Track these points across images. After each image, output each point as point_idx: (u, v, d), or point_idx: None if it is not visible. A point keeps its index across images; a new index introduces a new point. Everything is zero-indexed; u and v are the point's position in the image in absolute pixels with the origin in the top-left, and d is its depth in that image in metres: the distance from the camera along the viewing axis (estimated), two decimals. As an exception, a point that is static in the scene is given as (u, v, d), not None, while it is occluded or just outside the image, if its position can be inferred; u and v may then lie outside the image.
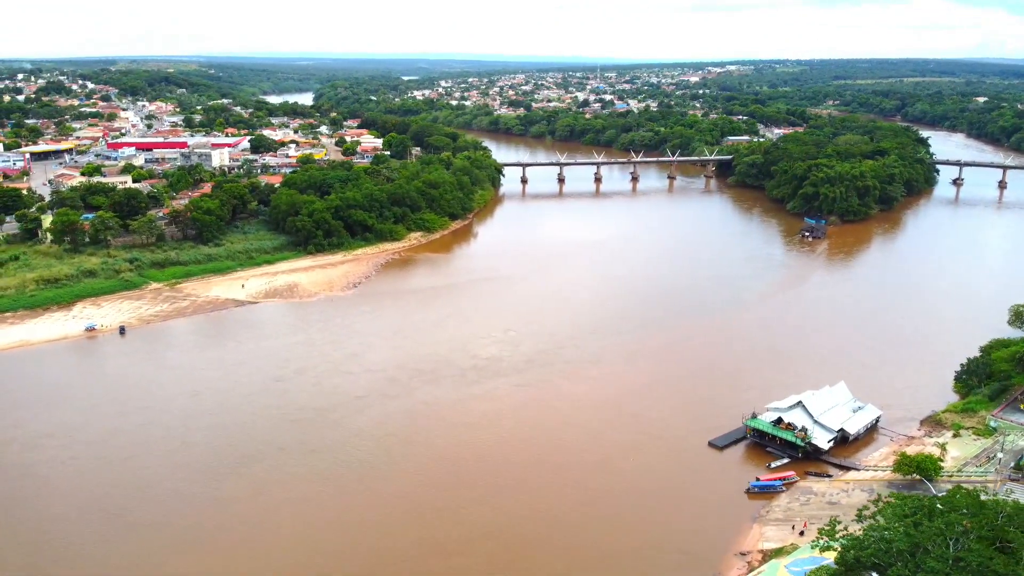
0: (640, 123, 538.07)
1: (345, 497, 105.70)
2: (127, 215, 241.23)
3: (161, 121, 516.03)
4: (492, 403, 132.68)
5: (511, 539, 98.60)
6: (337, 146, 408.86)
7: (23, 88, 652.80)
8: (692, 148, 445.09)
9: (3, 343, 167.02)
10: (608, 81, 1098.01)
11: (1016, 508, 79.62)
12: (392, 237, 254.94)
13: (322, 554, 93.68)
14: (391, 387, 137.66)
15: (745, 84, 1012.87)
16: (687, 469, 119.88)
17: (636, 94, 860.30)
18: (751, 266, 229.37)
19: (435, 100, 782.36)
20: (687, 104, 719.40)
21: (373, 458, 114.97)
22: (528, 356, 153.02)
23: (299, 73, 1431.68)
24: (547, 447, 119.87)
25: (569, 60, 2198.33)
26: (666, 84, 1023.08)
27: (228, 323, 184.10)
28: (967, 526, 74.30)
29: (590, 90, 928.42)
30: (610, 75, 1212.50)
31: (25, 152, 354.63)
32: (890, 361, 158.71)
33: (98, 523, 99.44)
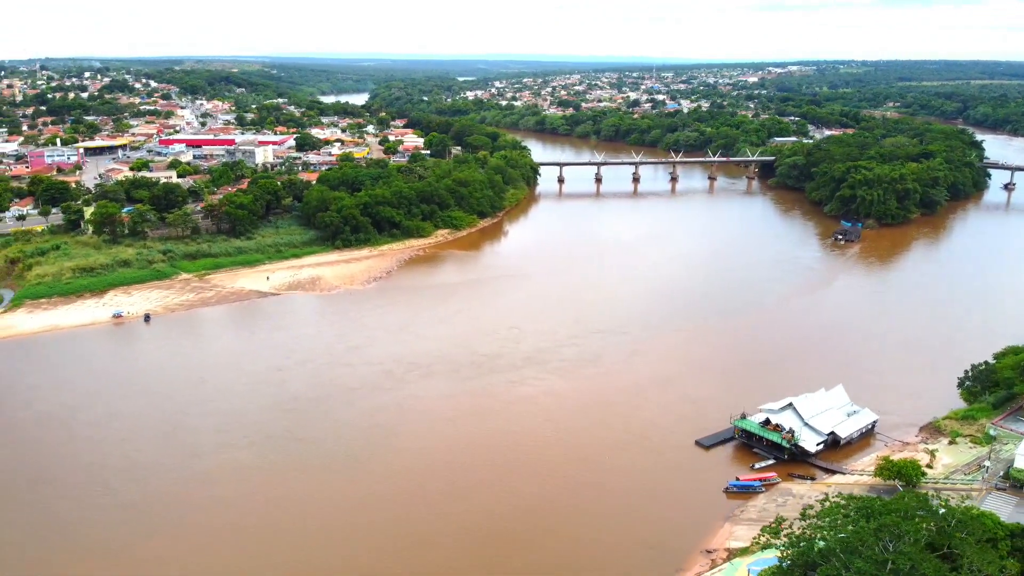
0: (686, 123, 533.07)
1: (321, 484, 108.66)
2: (165, 208, 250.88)
3: (215, 119, 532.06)
4: (481, 399, 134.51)
5: (475, 530, 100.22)
6: (380, 145, 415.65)
7: (88, 86, 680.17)
8: (736, 149, 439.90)
9: (34, 327, 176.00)
10: (664, 81, 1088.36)
11: (966, 516, 78.14)
12: (419, 234, 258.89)
13: (289, 537, 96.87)
14: (385, 380, 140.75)
15: (805, 85, 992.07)
16: (669, 467, 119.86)
17: (690, 94, 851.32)
18: (776, 269, 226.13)
19: (485, 100, 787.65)
20: (740, 104, 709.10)
21: (355, 448, 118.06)
22: (527, 354, 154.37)
23: (358, 74, 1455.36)
24: (527, 443, 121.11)
25: (630, 60, 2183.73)
26: (723, 84, 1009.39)
27: (247, 313, 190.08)
28: (914, 528, 73.33)
29: (643, 90, 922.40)
30: (667, 75, 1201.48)
31: (79, 147, 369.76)
32: (900, 366, 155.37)
33: (82, 499, 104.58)
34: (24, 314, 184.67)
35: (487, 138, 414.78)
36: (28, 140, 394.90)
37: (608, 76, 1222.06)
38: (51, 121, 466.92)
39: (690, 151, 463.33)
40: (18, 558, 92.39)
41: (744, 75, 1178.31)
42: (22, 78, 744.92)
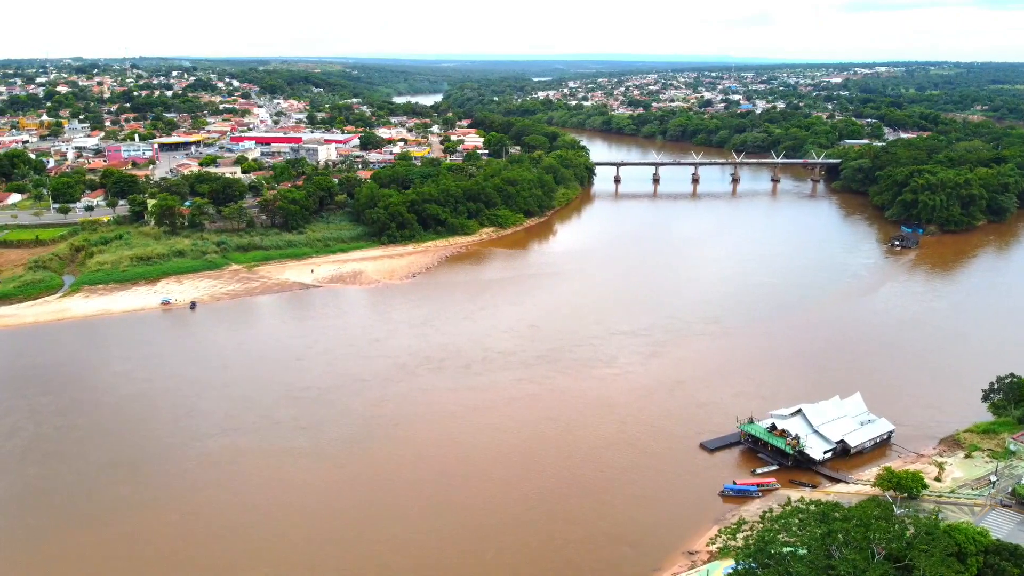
0: (755, 124, 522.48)
1: (311, 469, 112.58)
2: (222, 202, 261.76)
3: (289, 117, 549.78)
4: (486, 394, 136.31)
5: (453, 520, 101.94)
6: (442, 144, 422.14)
7: (174, 84, 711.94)
8: (804, 151, 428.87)
9: (88, 311, 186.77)
10: (743, 81, 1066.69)
11: (934, 529, 76.11)
12: (463, 231, 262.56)
13: (274, 518, 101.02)
14: (397, 373, 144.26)
15: (890, 86, 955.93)
16: (667, 468, 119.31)
17: (766, 95, 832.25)
18: (820, 275, 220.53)
19: (554, 101, 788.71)
20: (818, 106, 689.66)
21: (353, 436, 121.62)
22: (541, 352, 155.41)
23: (436, 75, 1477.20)
24: (524, 439, 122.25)
25: (711, 60, 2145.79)
26: (803, 85, 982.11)
27: (286, 304, 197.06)
28: (863, 536, 72.07)
29: (720, 90, 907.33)
30: (747, 75, 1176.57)
31: (155, 143, 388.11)
32: (928, 377, 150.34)
33: (92, 473, 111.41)
34: (80, 299, 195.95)
35: (545, 138, 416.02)
36: (109, 135, 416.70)
37: (685, 76, 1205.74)
38: (133, 118, 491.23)
39: (757, 153, 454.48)
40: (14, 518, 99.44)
41: (828, 75, 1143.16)
42: (113, 76, 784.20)
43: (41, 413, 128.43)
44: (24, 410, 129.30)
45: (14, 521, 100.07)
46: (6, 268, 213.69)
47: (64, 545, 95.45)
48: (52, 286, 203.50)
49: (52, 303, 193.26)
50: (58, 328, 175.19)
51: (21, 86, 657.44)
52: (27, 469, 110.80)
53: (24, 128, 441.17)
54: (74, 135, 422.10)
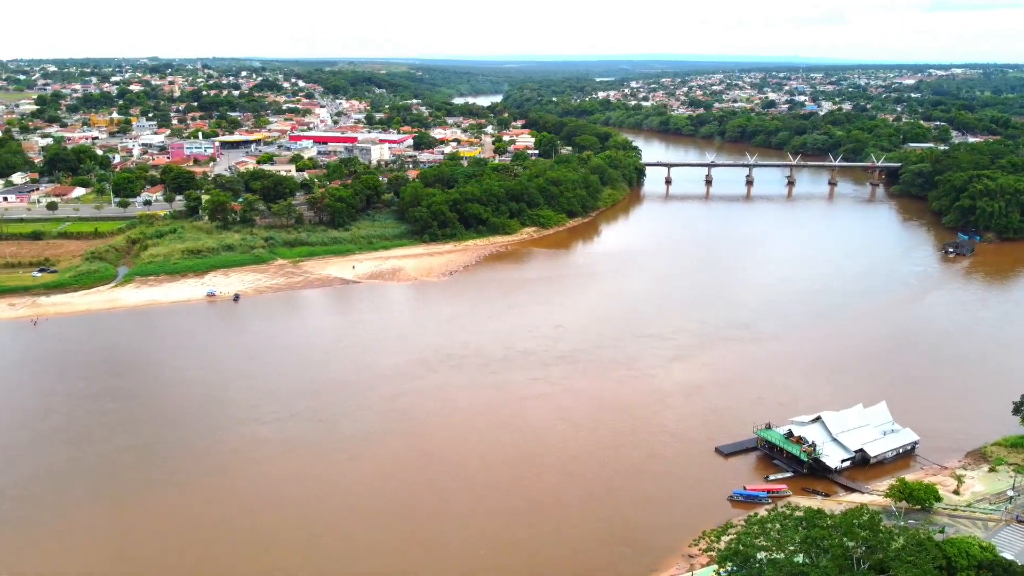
0: (816, 125, 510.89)
1: (322, 460, 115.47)
2: (273, 199, 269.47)
3: (348, 117, 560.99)
4: (500, 393, 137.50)
5: (456, 518, 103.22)
6: (494, 144, 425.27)
7: (242, 84, 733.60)
8: (865, 154, 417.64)
9: (137, 301, 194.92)
10: (812, 82, 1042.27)
11: (925, 542, 74.52)
12: (504, 231, 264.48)
13: (280, 508, 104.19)
14: (417, 369, 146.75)
15: (964, 89, 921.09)
16: (679, 472, 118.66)
17: (834, 96, 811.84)
18: (865, 281, 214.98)
19: (612, 101, 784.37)
20: (887, 108, 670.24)
21: (367, 429, 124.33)
22: (562, 353, 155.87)
23: (499, 75, 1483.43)
24: (534, 438, 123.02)
25: (781, 60, 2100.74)
26: (874, 87, 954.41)
27: (324, 299, 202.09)
28: (839, 544, 71.12)
29: (786, 91, 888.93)
30: (816, 76, 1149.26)
31: (217, 141, 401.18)
32: (962, 388, 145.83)
33: (113, 456, 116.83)
34: (132, 289, 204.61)
35: (595, 138, 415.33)
36: (174, 133, 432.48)
37: (752, 76, 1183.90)
38: (199, 116, 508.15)
39: (818, 155, 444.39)
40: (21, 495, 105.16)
41: (901, 77, 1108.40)
42: (185, 76, 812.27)
43: (76, 397, 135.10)
44: (61, 394, 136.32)
45: (35, 498, 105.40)
46: (65, 258, 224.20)
47: (78, 521, 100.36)
48: (106, 276, 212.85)
49: (104, 292, 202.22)
50: (107, 316, 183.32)
51: (96, 84, 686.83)
52: (55, 450, 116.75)
53: (95, 125, 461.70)
54: (141, 132, 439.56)
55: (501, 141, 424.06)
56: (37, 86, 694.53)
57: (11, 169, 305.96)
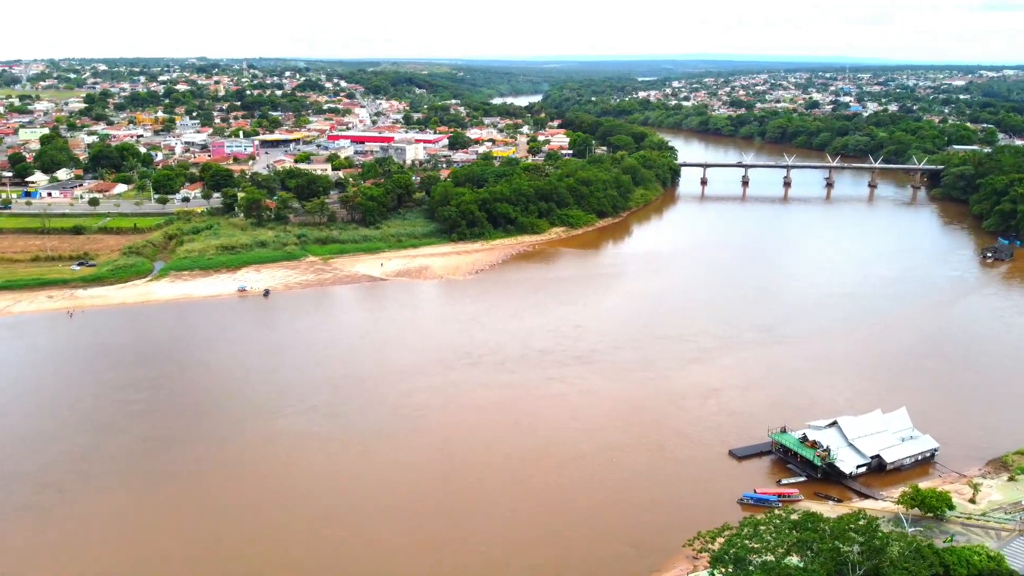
0: (859, 126, 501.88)
1: (333, 453, 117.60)
2: (306, 197, 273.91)
3: (387, 117, 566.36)
4: (514, 391, 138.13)
5: (459, 514, 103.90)
6: (528, 144, 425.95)
7: (285, 84, 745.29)
8: (907, 156, 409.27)
9: (170, 295, 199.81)
10: (859, 83, 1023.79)
11: (910, 546, 73.54)
12: (533, 230, 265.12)
13: (289, 499, 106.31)
14: (435, 366, 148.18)
15: (1016, 91, 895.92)
16: (690, 473, 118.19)
17: (880, 97, 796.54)
18: (897, 286, 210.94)
19: (651, 101, 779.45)
20: (934, 109, 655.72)
21: (380, 425, 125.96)
22: (580, 352, 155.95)
23: (540, 76, 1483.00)
24: (542, 437, 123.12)
25: (828, 60, 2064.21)
26: (922, 88, 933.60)
27: (351, 295, 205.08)
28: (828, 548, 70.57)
29: (831, 91, 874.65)
30: (863, 76, 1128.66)
31: (257, 140, 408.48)
32: (988, 396, 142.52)
33: (132, 446, 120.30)
34: (166, 283, 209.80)
35: (630, 138, 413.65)
36: (216, 132, 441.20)
37: (797, 76, 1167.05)
38: (242, 115, 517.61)
39: (860, 157, 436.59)
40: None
41: (951, 78, 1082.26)
42: (231, 76, 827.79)
43: (103, 387, 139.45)
44: (90, 384, 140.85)
45: (54, 484, 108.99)
46: (104, 253, 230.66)
47: (91, 508, 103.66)
48: (142, 271, 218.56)
49: (139, 286, 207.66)
50: (140, 310, 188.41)
51: (144, 83, 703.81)
52: (78, 438, 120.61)
53: (140, 123, 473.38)
54: (184, 130, 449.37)
55: (536, 141, 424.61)
56: (87, 85, 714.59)
57: (56, 165, 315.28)
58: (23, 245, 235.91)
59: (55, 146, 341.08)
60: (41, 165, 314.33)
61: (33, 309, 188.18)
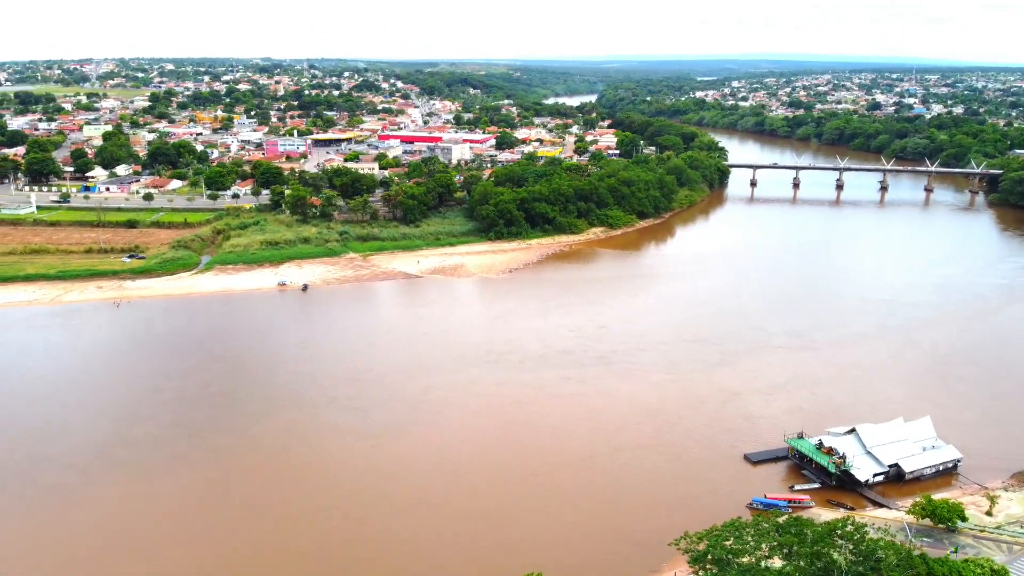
0: (919, 129, 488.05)
1: (355, 446, 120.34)
2: (350, 195, 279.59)
3: (439, 117, 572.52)
4: (530, 390, 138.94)
5: (463, 508, 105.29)
6: (575, 144, 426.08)
7: (343, 84, 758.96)
8: (967, 159, 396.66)
9: (213, 288, 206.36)
10: (926, 84, 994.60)
11: (898, 554, 72.45)
12: (571, 230, 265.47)
13: (299, 489, 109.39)
14: (455, 363, 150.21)
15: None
16: (702, 476, 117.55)
17: (946, 99, 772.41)
18: (937, 293, 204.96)
19: (707, 101, 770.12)
20: (1000, 112, 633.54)
21: (397, 418, 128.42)
22: (600, 353, 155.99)
23: (597, 75, 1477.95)
24: (553, 436, 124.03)
25: (897, 61, 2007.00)
26: (991, 90, 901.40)
27: (386, 292, 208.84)
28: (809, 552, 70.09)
29: (896, 93, 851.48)
30: (931, 78, 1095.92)
31: (309, 139, 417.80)
32: (1020, 407, 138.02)
33: (156, 432, 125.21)
34: (211, 276, 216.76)
35: (679, 138, 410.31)
36: (272, 131, 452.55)
37: (862, 77, 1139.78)
38: (298, 115, 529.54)
39: (919, 160, 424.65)
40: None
41: (1021, 80, 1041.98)
42: (291, 76, 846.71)
43: (135, 376, 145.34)
44: (124, 372, 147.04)
45: (75, 466, 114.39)
46: (154, 246, 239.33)
47: (108, 490, 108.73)
48: (189, 264, 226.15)
49: (185, 279, 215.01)
50: (184, 301, 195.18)
51: (207, 83, 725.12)
52: (101, 425, 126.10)
53: (200, 121, 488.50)
54: (241, 129, 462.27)
55: (583, 141, 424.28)
56: (153, 83, 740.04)
57: (116, 161, 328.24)
58: (79, 237, 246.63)
59: (115, 143, 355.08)
60: (101, 161, 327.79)
61: (83, 299, 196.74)
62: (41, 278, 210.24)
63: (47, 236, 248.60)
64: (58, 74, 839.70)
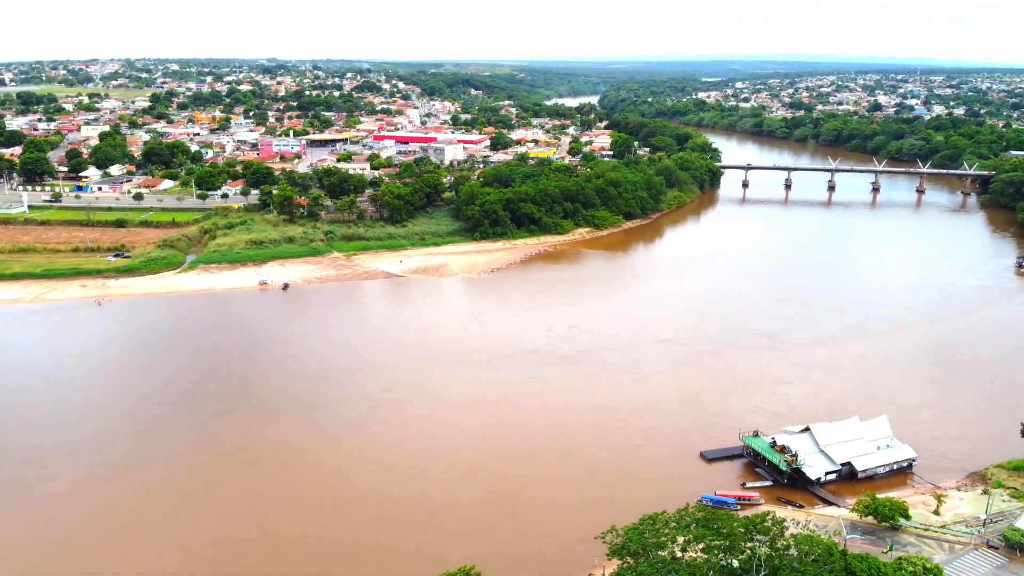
0: (915, 130, 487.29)
1: (315, 444, 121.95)
2: (337, 195, 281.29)
3: (437, 118, 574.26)
4: (493, 389, 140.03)
5: (409, 508, 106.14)
6: (570, 145, 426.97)
7: (344, 85, 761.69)
8: (961, 161, 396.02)
9: (195, 287, 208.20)
10: (930, 85, 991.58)
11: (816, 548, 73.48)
12: (557, 231, 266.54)
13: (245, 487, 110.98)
14: (422, 363, 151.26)
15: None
16: (654, 473, 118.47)
17: (949, 100, 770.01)
18: (919, 295, 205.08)
19: (707, 102, 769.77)
20: (1001, 113, 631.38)
21: (356, 416, 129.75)
22: (568, 353, 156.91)
23: (602, 76, 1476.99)
24: (511, 434, 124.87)
25: (905, 62, 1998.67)
26: (996, 91, 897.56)
27: (367, 291, 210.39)
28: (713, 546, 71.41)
29: (899, 94, 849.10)
30: (935, 79, 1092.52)
31: (304, 139, 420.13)
32: (983, 408, 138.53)
33: (115, 430, 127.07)
34: (193, 275, 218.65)
35: (672, 140, 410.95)
36: (269, 131, 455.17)
37: (867, 78, 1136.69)
38: (296, 115, 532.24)
39: (913, 161, 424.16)
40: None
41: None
42: (294, 77, 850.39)
43: (103, 373, 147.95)
44: (95, 369, 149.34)
45: (32, 461, 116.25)
46: (140, 245, 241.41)
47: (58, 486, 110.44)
48: (174, 263, 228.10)
49: (168, 278, 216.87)
50: (164, 300, 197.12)
51: (209, 84, 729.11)
52: (66, 420, 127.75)
53: (198, 122, 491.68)
54: (238, 129, 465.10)
55: (578, 142, 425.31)
56: (155, 84, 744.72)
57: (110, 161, 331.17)
58: (67, 236, 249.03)
59: (110, 143, 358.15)
60: (95, 161, 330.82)
61: (65, 297, 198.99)
62: (26, 276, 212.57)
63: (36, 235, 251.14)
64: (63, 74, 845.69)
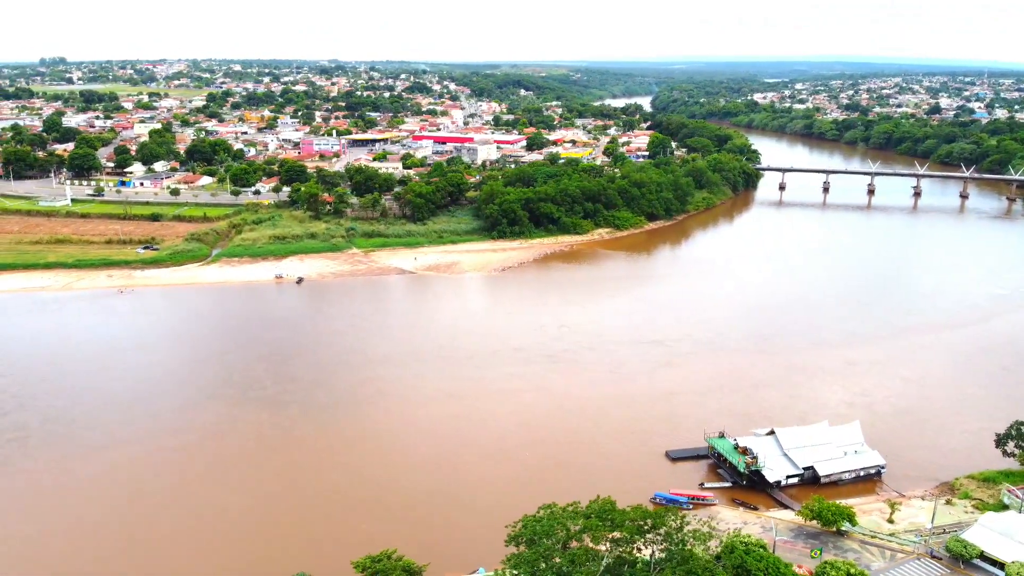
0: (967, 134, 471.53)
1: (285, 432, 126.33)
2: (362, 193, 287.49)
3: (480, 119, 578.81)
4: (470, 385, 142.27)
5: (359, 499, 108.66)
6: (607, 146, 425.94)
7: (396, 86, 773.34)
8: (1013, 165, 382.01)
9: (214, 279, 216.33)
10: (997, 88, 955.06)
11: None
12: (575, 231, 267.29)
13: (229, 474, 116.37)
14: (406, 357, 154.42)
15: None
16: (615, 470, 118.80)
17: (1014, 103, 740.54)
18: (930, 300, 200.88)
19: (757, 103, 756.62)
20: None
21: (319, 408, 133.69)
22: (552, 352, 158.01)
23: (660, 77, 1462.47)
24: (477, 430, 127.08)
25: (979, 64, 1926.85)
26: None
27: (376, 286, 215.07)
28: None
29: (963, 96, 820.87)
30: (1005, 82, 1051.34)
31: (344, 139, 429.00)
32: (970, 419, 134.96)
33: (103, 417, 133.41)
34: (215, 268, 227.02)
35: (710, 140, 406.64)
36: (313, 131, 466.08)
37: (933, 80, 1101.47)
38: (344, 115, 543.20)
39: (966, 165, 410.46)
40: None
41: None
42: (349, 78, 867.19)
43: (103, 357, 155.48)
44: (96, 353, 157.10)
45: (13, 440, 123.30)
46: (170, 238, 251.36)
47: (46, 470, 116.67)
48: (199, 256, 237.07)
49: (191, 270, 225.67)
50: (183, 291, 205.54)
51: (266, 84, 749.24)
52: (56, 402, 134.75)
53: (248, 121, 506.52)
54: (284, 128, 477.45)
55: (615, 143, 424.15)
56: (215, 84, 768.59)
57: (155, 158, 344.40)
58: (103, 229, 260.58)
59: (157, 140, 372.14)
60: (141, 157, 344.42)
61: (92, 286, 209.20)
62: (59, 266, 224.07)
63: (75, 227, 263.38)
64: (129, 74, 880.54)
